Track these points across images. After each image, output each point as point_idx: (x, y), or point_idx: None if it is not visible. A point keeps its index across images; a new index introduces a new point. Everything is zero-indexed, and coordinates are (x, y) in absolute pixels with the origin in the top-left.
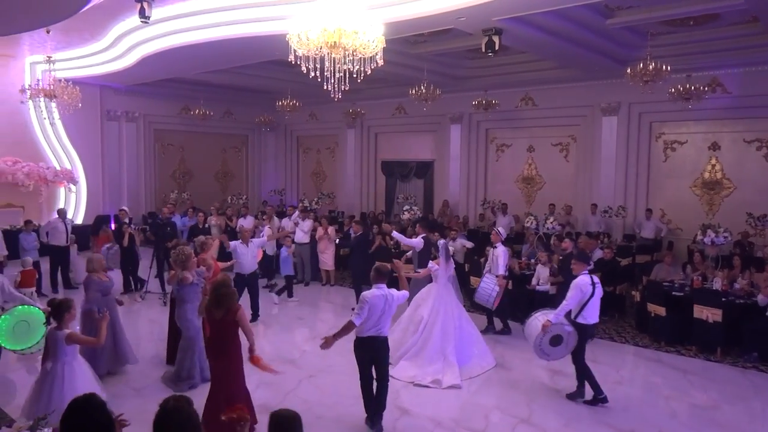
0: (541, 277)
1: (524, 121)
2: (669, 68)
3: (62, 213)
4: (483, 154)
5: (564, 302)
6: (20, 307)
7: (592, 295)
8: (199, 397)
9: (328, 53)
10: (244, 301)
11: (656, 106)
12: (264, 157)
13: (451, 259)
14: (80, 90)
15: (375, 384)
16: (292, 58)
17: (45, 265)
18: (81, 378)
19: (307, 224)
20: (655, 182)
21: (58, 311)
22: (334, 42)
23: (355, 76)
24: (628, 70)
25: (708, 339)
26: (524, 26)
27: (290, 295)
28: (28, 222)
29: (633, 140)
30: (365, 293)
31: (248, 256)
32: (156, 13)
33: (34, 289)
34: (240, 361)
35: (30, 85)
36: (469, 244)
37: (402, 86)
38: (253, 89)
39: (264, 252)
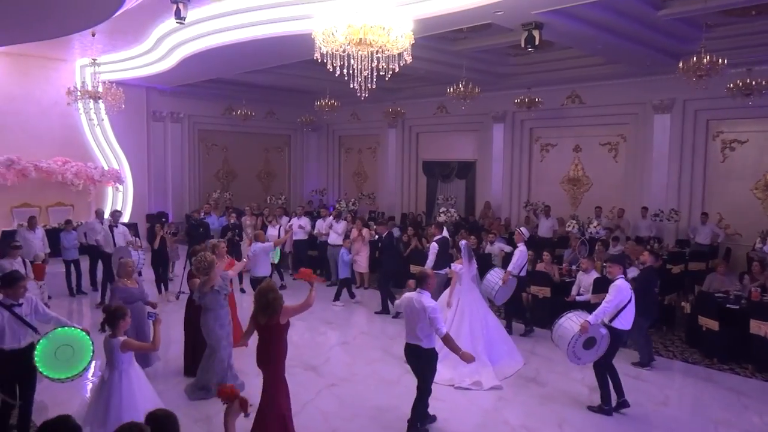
0: (583, 286)
1: (570, 120)
2: (725, 62)
3: (100, 214)
4: (527, 154)
5: (604, 304)
6: (60, 329)
7: (630, 300)
8: (210, 408)
9: (354, 50)
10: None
11: (714, 103)
12: (306, 157)
13: (474, 260)
14: (127, 92)
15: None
16: (317, 55)
17: (85, 263)
18: (139, 386)
19: (341, 226)
20: (712, 184)
21: (112, 318)
22: (360, 39)
23: (382, 74)
24: (680, 64)
25: (766, 358)
26: (567, 19)
27: (352, 296)
28: (68, 221)
29: (688, 139)
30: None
31: (266, 258)
32: (193, 14)
33: (43, 281)
34: (283, 369)
35: (76, 87)
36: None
37: (443, 85)
38: (295, 89)
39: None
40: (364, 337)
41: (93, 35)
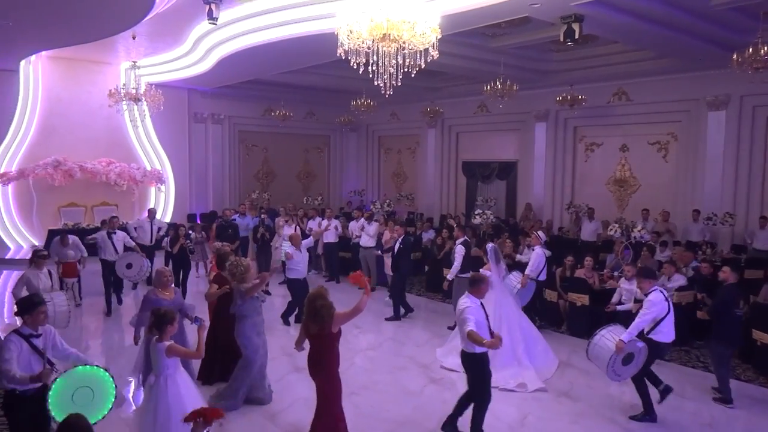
0: (624, 294)
1: (617, 118)
2: None
3: (152, 213)
4: (570, 153)
5: (638, 319)
6: (80, 368)
7: (669, 311)
8: (236, 418)
9: (378, 46)
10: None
11: None
12: (345, 157)
13: (503, 260)
14: (169, 94)
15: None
16: (340, 52)
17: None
18: (186, 391)
19: (373, 228)
20: None
21: (160, 322)
22: (384, 34)
23: (407, 70)
24: (735, 57)
25: None
26: (609, 11)
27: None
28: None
29: (745, 137)
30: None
31: (302, 260)
32: (225, 15)
33: (75, 279)
34: (338, 379)
35: (117, 89)
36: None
37: (483, 83)
38: (333, 89)
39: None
40: (390, 343)
41: (133, 38)
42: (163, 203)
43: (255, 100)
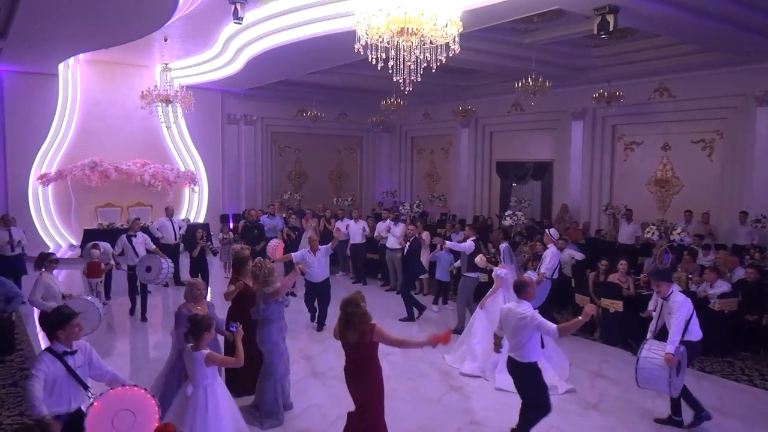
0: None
1: (658, 115)
2: None
3: (170, 212)
4: (609, 153)
5: (675, 326)
6: (118, 390)
7: (693, 307)
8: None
9: (397, 41)
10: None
11: None
12: (378, 158)
13: (515, 262)
14: (203, 95)
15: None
16: (358, 47)
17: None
18: (224, 403)
19: (399, 229)
20: None
21: (196, 329)
22: (401, 28)
23: (428, 65)
24: None
25: None
26: (647, 1)
27: (445, 301)
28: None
29: None
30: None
31: (316, 264)
32: (252, 15)
33: (100, 279)
34: (380, 390)
35: (149, 91)
36: (579, 256)
37: (516, 81)
38: (365, 89)
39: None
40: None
41: (165, 40)
42: (197, 204)
43: (287, 101)
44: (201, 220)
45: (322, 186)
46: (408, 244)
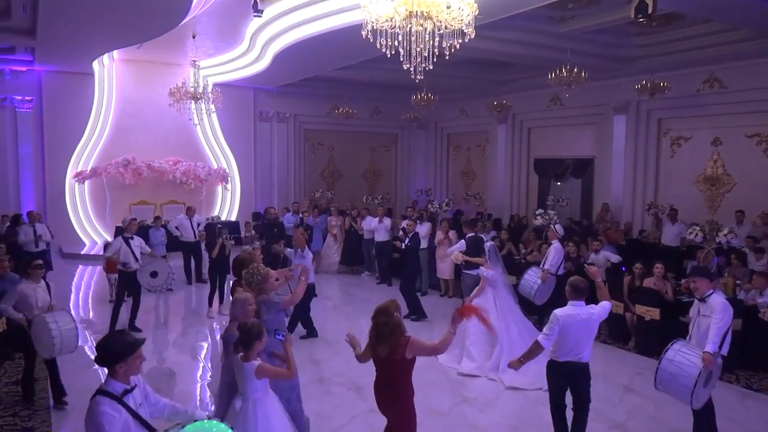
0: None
1: (708, 108)
2: None
3: (191, 212)
4: (654, 148)
5: (716, 327)
6: (189, 427)
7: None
8: None
9: (408, 26)
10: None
11: None
12: (413, 156)
13: (500, 262)
14: (235, 93)
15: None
16: (365, 33)
17: (173, 261)
18: (276, 418)
19: (424, 228)
20: None
21: (246, 338)
22: (409, 12)
23: (437, 52)
24: None
25: None
26: None
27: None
28: (157, 218)
29: None
30: (557, 311)
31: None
32: (273, 9)
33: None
34: (411, 416)
35: (177, 88)
36: (615, 258)
37: (550, 72)
38: (398, 85)
39: None
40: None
41: (193, 37)
42: (230, 201)
43: (320, 98)
44: (233, 218)
45: (356, 184)
46: (407, 240)
